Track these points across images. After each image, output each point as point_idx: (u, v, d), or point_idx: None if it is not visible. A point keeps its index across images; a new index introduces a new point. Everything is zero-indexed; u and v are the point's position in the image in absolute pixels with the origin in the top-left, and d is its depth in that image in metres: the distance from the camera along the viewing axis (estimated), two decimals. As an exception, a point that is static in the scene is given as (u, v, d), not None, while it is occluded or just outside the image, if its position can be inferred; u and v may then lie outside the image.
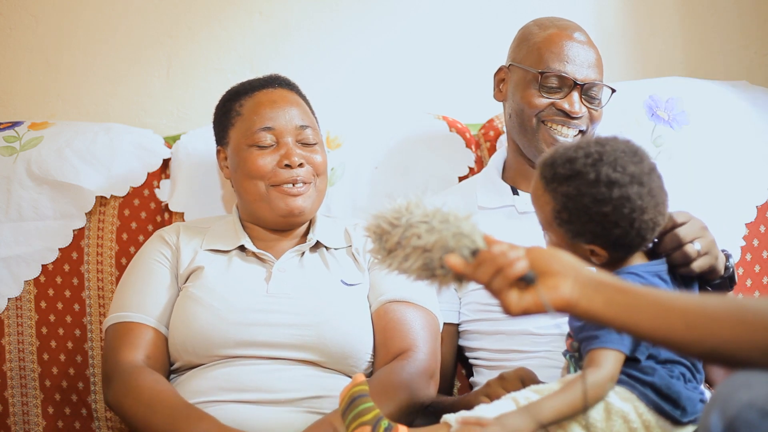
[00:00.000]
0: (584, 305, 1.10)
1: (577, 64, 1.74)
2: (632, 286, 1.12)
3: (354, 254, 1.74)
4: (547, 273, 1.12)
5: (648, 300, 1.09)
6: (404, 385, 1.55)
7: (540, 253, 1.14)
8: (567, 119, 1.73)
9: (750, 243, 1.98)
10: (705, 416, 1.00)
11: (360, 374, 1.37)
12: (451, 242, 1.15)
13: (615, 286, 1.11)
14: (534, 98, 1.74)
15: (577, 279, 1.11)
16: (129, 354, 1.62)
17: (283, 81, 1.83)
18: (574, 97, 1.73)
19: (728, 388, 0.99)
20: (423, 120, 2.10)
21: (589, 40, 1.78)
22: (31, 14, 2.28)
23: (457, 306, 1.78)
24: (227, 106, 1.80)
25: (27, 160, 1.97)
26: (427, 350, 1.63)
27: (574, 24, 1.80)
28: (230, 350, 1.60)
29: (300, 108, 1.78)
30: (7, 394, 1.92)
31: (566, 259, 1.14)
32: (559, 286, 1.11)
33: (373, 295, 1.70)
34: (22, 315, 1.94)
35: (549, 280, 1.12)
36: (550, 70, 1.73)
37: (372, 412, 1.32)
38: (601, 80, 1.77)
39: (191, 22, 2.29)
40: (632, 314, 1.09)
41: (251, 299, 1.63)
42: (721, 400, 0.98)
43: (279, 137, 1.73)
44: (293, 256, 1.72)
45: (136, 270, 1.75)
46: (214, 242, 1.74)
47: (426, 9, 2.31)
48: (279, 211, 1.71)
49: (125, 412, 1.57)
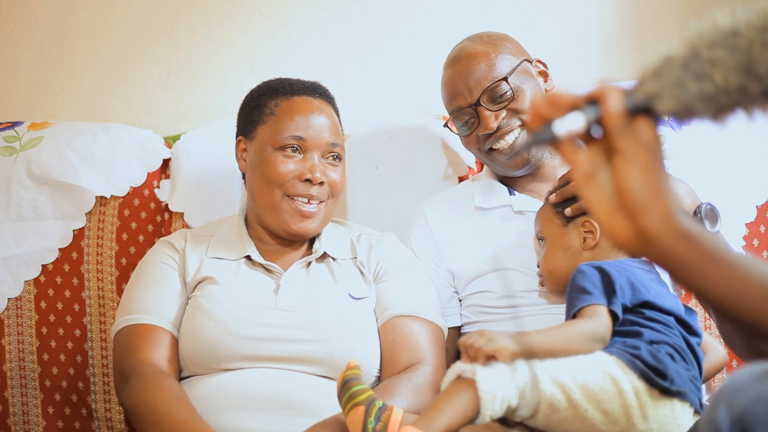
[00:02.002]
0: (666, 244, 0.91)
1: (468, 88, 1.73)
2: (717, 251, 0.94)
3: (359, 267, 1.73)
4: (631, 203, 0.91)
5: (732, 268, 0.94)
6: (408, 394, 1.55)
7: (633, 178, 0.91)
8: (495, 136, 1.73)
9: (750, 243, 1.98)
10: (712, 410, 0.98)
11: (353, 359, 1.37)
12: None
13: (701, 243, 0.93)
14: (465, 144, 1.80)
15: (666, 216, 0.91)
16: (150, 354, 1.59)
17: (324, 92, 1.79)
18: (483, 117, 1.72)
19: (735, 382, 0.98)
20: (423, 120, 2.10)
21: (469, 57, 1.76)
22: (31, 14, 2.28)
23: (458, 309, 1.79)
24: (262, 101, 1.76)
25: (27, 160, 1.97)
26: (435, 364, 1.63)
27: (461, 53, 1.78)
28: (237, 363, 1.58)
29: (333, 124, 1.74)
30: (7, 394, 1.92)
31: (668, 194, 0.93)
32: (648, 212, 0.91)
33: (380, 309, 1.69)
34: (22, 315, 1.94)
35: (638, 199, 0.91)
36: (453, 112, 1.76)
37: (365, 393, 1.33)
38: (491, 76, 1.72)
39: (191, 22, 2.29)
40: (706, 273, 0.93)
41: (259, 313, 1.62)
42: (728, 394, 0.96)
43: (307, 149, 1.70)
44: (300, 268, 1.71)
45: (145, 273, 1.71)
46: (219, 250, 1.72)
47: (426, 9, 2.31)
48: (286, 226, 1.69)
49: (138, 413, 1.52)
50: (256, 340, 1.59)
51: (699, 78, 0.87)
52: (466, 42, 1.79)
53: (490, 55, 1.74)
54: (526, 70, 1.76)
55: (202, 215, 1.99)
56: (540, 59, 1.82)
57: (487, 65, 1.73)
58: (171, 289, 1.68)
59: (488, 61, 1.73)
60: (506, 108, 1.72)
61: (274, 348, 1.58)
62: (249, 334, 1.59)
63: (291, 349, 1.59)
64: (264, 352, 1.58)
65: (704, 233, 0.94)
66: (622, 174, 0.92)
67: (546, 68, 1.82)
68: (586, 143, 0.95)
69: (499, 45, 1.76)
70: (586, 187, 0.95)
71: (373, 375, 1.65)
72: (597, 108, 0.92)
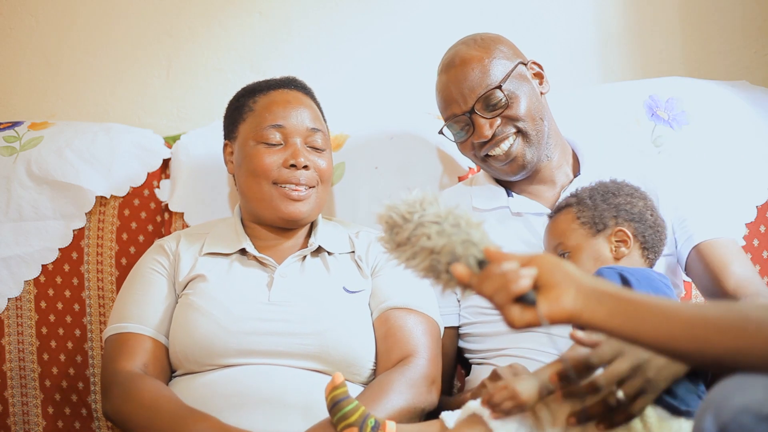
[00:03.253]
0: (587, 316, 1.09)
1: (462, 95, 1.71)
2: (635, 296, 1.11)
3: (357, 261, 1.74)
4: (549, 285, 1.11)
5: (651, 310, 1.08)
6: (403, 389, 1.55)
7: (544, 265, 1.12)
8: (490, 143, 1.71)
9: (750, 243, 1.98)
10: (698, 419, 0.99)
11: (338, 374, 1.38)
12: (459, 249, 1.13)
13: (618, 296, 1.10)
14: (461, 150, 1.78)
15: (580, 290, 1.10)
16: (126, 363, 1.61)
17: (300, 84, 1.83)
18: (478, 125, 1.71)
19: (722, 391, 0.99)
20: (423, 120, 2.10)
21: (463, 62, 1.73)
22: (31, 14, 2.28)
23: (456, 309, 1.78)
24: (240, 102, 1.80)
25: (27, 160, 1.98)
26: (428, 356, 1.63)
27: (454, 58, 1.75)
28: (231, 359, 1.59)
29: (312, 112, 1.78)
30: (7, 394, 1.92)
31: (569, 269, 1.13)
32: (562, 297, 1.10)
33: (375, 302, 1.69)
34: (22, 315, 1.94)
35: (552, 291, 1.10)
36: (448, 119, 1.74)
37: (357, 412, 1.33)
38: (485, 83, 1.70)
39: (191, 22, 2.29)
40: (635, 324, 1.08)
41: (252, 307, 1.62)
42: (715, 403, 0.98)
43: (288, 137, 1.73)
44: (295, 261, 1.72)
45: (133, 281, 1.74)
46: (215, 245, 1.74)
47: (426, 9, 2.31)
48: (278, 212, 1.71)
49: (125, 418, 1.55)
50: (249, 334, 1.59)
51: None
52: (460, 46, 1.77)
53: (483, 60, 1.72)
54: (520, 74, 1.74)
55: (202, 215, 1.99)
56: (535, 61, 1.80)
57: (481, 71, 1.71)
58: (156, 294, 1.69)
59: (482, 67, 1.71)
60: (501, 116, 1.71)
61: (268, 342, 1.59)
62: (242, 329, 1.60)
63: (284, 343, 1.59)
64: (257, 347, 1.59)
65: (616, 287, 1.12)
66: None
67: (541, 69, 1.80)
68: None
69: (493, 49, 1.74)
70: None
71: (369, 368, 1.65)
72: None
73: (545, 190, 1.79)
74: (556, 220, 1.62)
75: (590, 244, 1.55)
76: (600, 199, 1.58)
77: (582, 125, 2.00)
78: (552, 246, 1.61)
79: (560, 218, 1.61)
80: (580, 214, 1.57)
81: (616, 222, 1.55)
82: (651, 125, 2.01)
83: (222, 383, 1.57)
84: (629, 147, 1.99)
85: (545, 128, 1.74)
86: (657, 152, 1.98)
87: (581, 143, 1.84)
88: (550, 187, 1.79)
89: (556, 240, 1.60)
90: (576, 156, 1.84)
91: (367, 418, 1.32)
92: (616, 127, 2.02)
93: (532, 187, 1.79)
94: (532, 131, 1.72)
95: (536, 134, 1.72)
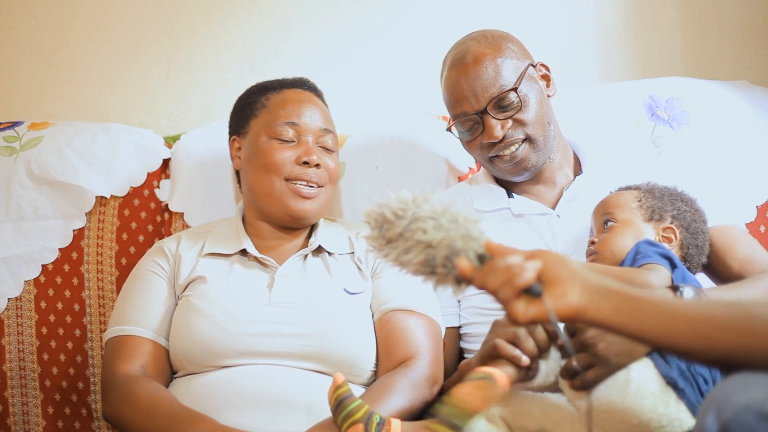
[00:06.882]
0: (592, 313, 1.09)
1: (474, 94, 1.69)
2: (640, 293, 1.11)
3: (357, 262, 1.74)
4: (554, 280, 1.10)
5: (656, 307, 1.08)
6: (405, 390, 1.55)
7: (548, 260, 1.12)
8: (499, 146, 1.71)
9: (750, 243, 1.98)
10: (701, 418, 0.99)
11: (338, 374, 1.38)
12: (458, 243, 1.13)
13: (623, 293, 1.10)
14: (468, 148, 1.77)
15: (584, 286, 1.10)
16: (124, 366, 1.61)
17: (312, 85, 1.85)
18: (489, 126, 1.69)
19: (725, 389, 0.99)
20: (423, 120, 2.10)
21: (475, 60, 1.71)
22: (31, 14, 2.28)
23: (457, 309, 1.78)
24: (252, 98, 1.80)
25: (27, 160, 1.98)
26: (430, 358, 1.63)
27: (466, 54, 1.73)
28: (232, 360, 1.59)
29: (324, 113, 1.79)
30: (7, 394, 1.92)
31: (574, 266, 1.12)
32: (567, 293, 1.10)
33: (376, 304, 1.70)
34: (22, 315, 1.94)
35: (557, 287, 1.10)
36: (457, 116, 1.72)
37: (361, 409, 1.33)
38: (499, 84, 1.69)
39: (191, 22, 2.29)
40: (640, 321, 1.08)
41: (253, 309, 1.62)
42: (717, 401, 0.98)
43: (301, 135, 1.73)
44: (296, 261, 1.72)
45: (132, 283, 1.74)
46: (216, 245, 1.74)
47: (426, 9, 2.31)
48: (286, 209, 1.71)
49: (123, 420, 1.55)
50: (249, 336, 1.59)
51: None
52: (470, 42, 1.75)
53: (496, 59, 1.70)
54: (531, 76, 1.73)
55: (202, 215, 1.99)
56: (543, 63, 1.79)
57: (494, 71, 1.69)
58: (155, 297, 1.69)
59: (495, 66, 1.69)
60: (512, 118, 1.70)
61: (269, 343, 1.59)
62: (242, 331, 1.60)
63: (285, 344, 1.59)
64: (258, 348, 1.59)
65: (621, 284, 1.12)
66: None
67: (548, 71, 1.80)
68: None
69: (504, 48, 1.73)
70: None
71: (370, 370, 1.65)
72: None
73: (546, 191, 1.79)
74: (617, 194, 1.64)
75: (639, 225, 1.58)
76: (668, 197, 1.61)
77: (582, 125, 2.00)
78: (600, 214, 1.63)
79: (623, 194, 1.63)
80: (644, 199, 1.60)
81: (672, 220, 1.58)
82: (651, 125, 2.01)
83: (223, 383, 1.57)
84: (629, 147, 2.00)
85: (551, 132, 1.74)
86: (657, 152, 1.98)
87: (582, 143, 1.84)
88: (551, 187, 1.79)
89: (608, 209, 1.62)
90: (576, 156, 1.84)
91: (372, 414, 1.32)
92: (616, 127, 2.02)
93: (532, 187, 1.79)
94: (539, 137, 1.71)
95: (543, 139, 1.72)
